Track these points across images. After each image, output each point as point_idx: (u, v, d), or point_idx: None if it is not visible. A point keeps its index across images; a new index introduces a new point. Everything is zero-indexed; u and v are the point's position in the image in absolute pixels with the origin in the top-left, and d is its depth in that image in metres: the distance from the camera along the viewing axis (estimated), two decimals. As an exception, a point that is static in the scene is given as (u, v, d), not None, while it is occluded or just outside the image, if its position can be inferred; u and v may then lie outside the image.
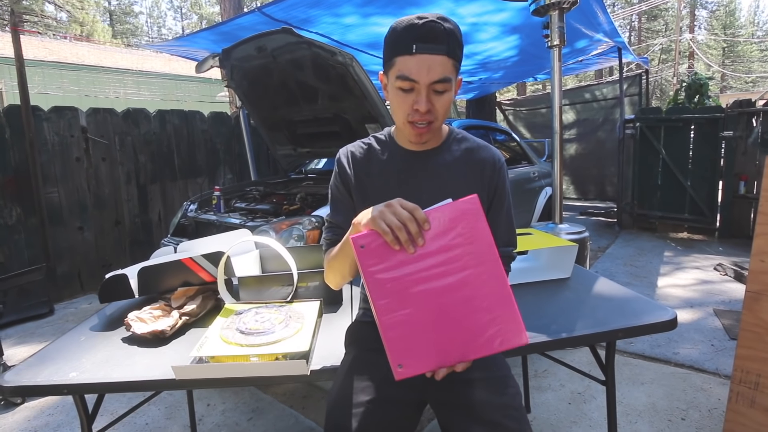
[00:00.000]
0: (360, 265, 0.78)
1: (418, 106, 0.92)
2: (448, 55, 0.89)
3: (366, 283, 0.78)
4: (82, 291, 3.83)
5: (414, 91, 0.92)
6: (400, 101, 0.95)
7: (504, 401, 0.92)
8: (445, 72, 0.90)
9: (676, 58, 22.48)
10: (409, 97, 0.93)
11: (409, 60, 0.89)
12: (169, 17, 41.89)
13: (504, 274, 0.79)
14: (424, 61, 0.88)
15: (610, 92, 6.86)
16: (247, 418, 1.97)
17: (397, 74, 0.91)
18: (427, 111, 0.93)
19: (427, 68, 0.89)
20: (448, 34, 0.89)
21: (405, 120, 0.96)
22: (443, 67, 0.90)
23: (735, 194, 4.67)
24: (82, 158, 3.80)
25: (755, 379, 1.47)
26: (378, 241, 0.78)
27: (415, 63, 0.89)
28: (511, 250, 1.13)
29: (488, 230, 0.79)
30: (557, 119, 2.64)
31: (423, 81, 0.90)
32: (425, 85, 0.90)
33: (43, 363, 1.07)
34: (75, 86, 12.86)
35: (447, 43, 0.89)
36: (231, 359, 1.00)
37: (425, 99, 0.91)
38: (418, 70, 0.89)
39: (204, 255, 1.36)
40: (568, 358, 2.31)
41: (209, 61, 3.22)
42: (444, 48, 0.89)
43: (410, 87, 0.91)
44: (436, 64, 0.89)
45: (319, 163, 4.14)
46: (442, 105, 0.94)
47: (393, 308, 0.77)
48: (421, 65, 0.89)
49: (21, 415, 2.07)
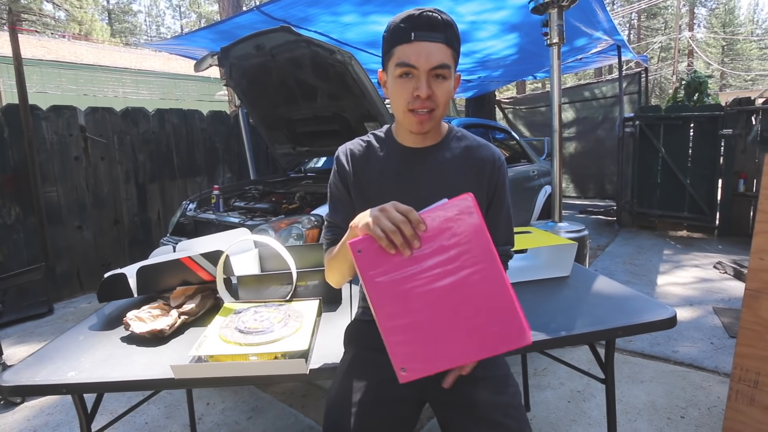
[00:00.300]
0: (358, 270, 0.77)
1: (419, 91, 0.91)
2: (446, 44, 0.91)
3: (365, 287, 0.77)
4: (81, 290, 3.82)
5: (414, 77, 0.92)
6: (400, 89, 0.94)
7: (504, 400, 0.92)
8: (445, 59, 0.91)
9: (675, 56, 22.48)
10: (410, 83, 0.92)
11: (407, 48, 0.90)
12: (168, 16, 41.81)
13: (503, 272, 0.79)
14: (423, 47, 0.89)
15: (609, 90, 6.86)
16: (246, 417, 1.97)
17: (397, 62, 0.92)
18: (428, 97, 0.92)
19: (426, 54, 0.90)
20: (445, 24, 0.91)
21: (405, 108, 0.95)
22: (442, 54, 0.91)
23: (734, 192, 4.67)
24: (80, 157, 3.79)
25: (754, 377, 1.47)
26: (374, 246, 0.77)
27: (414, 50, 0.90)
28: (509, 248, 1.13)
29: (484, 228, 0.79)
30: (556, 117, 2.64)
31: (423, 66, 0.90)
32: (425, 70, 0.90)
33: (41, 362, 1.07)
34: (73, 85, 12.84)
35: (445, 32, 0.90)
36: (230, 358, 1.00)
37: (425, 84, 0.91)
38: (417, 56, 0.90)
39: (203, 254, 1.35)
40: (568, 357, 2.31)
41: (208, 59, 3.22)
42: (442, 36, 0.90)
43: (410, 73, 0.92)
44: (435, 51, 0.90)
45: (319, 162, 4.14)
46: (442, 92, 0.93)
47: (394, 312, 0.76)
48: (420, 51, 0.90)
49: (21, 415, 2.07)
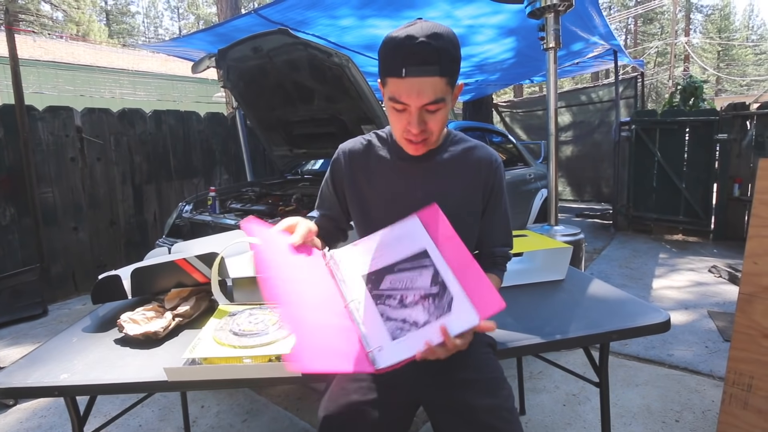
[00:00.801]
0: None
1: (410, 127, 0.92)
2: (440, 75, 0.87)
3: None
4: (76, 292, 3.81)
5: (407, 112, 0.92)
6: (394, 120, 0.96)
7: (496, 403, 0.92)
8: (437, 93, 0.89)
9: (671, 61, 22.61)
10: (403, 117, 0.93)
11: (399, 83, 0.88)
12: (166, 17, 41.74)
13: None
14: (414, 84, 0.87)
15: (606, 95, 6.89)
16: (241, 420, 1.97)
17: (389, 96, 0.91)
18: (421, 131, 0.93)
19: (417, 92, 0.88)
20: (439, 53, 0.86)
21: (401, 136, 0.97)
22: (434, 89, 0.88)
23: (729, 197, 4.70)
24: (77, 158, 3.78)
25: (748, 381, 1.48)
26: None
27: (405, 87, 0.88)
28: (507, 250, 1.13)
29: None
30: (552, 121, 2.65)
31: (414, 104, 0.89)
32: (417, 107, 0.90)
33: (34, 365, 1.06)
34: (70, 86, 12.79)
35: (438, 63, 0.86)
36: (224, 361, 1.00)
37: (417, 121, 0.91)
38: (408, 94, 0.88)
39: (198, 256, 1.35)
40: (563, 360, 2.31)
41: (205, 61, 3.21)
42: (435, 69, 0.86)
43: (402, 108, 0.91)
44: (426, 87, 0.87)
45: (316, 164, 4.13)
46: (436, 123, 0.94)
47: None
48: (411, 89, 0.87)
49: (13, 417, 2.06)
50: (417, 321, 0.83)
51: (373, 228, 0.98)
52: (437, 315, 0.82)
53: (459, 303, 0.81)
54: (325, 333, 0.82)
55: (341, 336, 0.83)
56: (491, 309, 0.80)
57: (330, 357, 0.79)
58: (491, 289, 0.82)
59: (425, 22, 0.88)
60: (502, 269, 1.13)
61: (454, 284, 0.84)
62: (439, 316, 0.82)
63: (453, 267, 0.86)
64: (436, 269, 0.87)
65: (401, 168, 1.05)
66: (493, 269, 1.10)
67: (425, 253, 0.89)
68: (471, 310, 0.80)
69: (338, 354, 0.80)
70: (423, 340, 0.79)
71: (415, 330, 0.82)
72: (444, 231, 0.90)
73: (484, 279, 0.83)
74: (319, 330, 0.81)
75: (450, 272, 0.85)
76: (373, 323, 0.85)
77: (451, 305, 0.82)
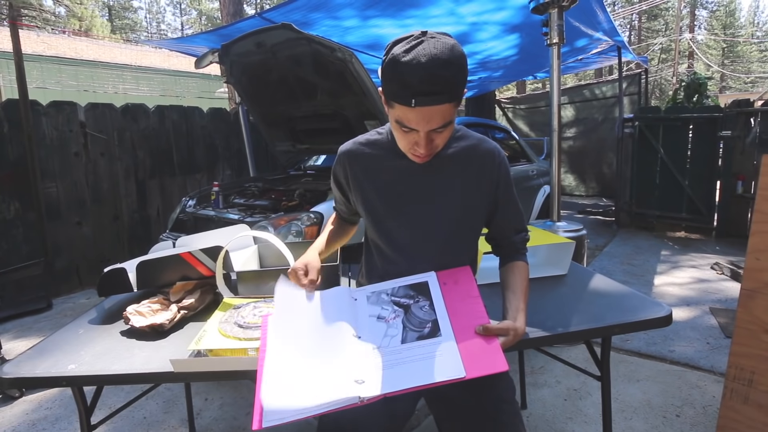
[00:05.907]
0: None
1: (418, 147, 0.93)
2: (449, 102, 0.86)
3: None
4: (80, 286, 3.83)
5: (414, 133, 0.91)
6: (400, 136, 0.95)
7: (497, 395, 0.93)
8: (446, 117, 0.88)
9: (675, 58, 22.49)
10: (410, 136, 0.92)
11: (408, 111, 0.86)
12: (169, 13, 41.73)
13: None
14: (424, 114, 0.86)
15: (609, 91, 6.88)
16: (245, 413, 1.98)
17: (396, 119, 0.90)
18: (428, 151, 0.94)
19: (426, 120, 0.87)
20: (449, 83, 0.84)
21: (407, 151, 0.98)
22: (444, 115, 0.87)
23: (732, 194, 4.69)
24: (80, 153, 3.79)
25: (749, 376, 1.48)
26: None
27: (414, 115, 0.87)
28: (525, 234, 1.17)
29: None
30: (555, 117, 2.65)
31: (423, 129, 0.89)
32: (425, 131, 0.89)
33: (41, 355, 1.07)
34: (74, 81, 12.82)
35: (449, 92, 0.85)
36: (229, 353, 1.01)
37: (425, 142, 0.91)
38: (417, 121, 0.88)
39: (202, 249, 1.36)
40: (565, 355, 2.31)
41: (208, 56, 3.22)
42: (445, 98, 0.85)
43: (410, 131, 0.91)
44: (436, 115, 0.87)
45: (318, 160, 4.14)
46: (443, 139, 0.95)
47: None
48: (420, 118, 0.87)
49: (19, 408, 2.08)
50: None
51: (381, 225, 1.08)
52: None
53: (447, 351, 0.84)
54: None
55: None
56: (487, 369, 0.80)
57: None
58: (497, 352, 0.83)
59: (431, 40, 0.84)
60: (524, 252, 1.15)
61: (449, 335, 0.87)
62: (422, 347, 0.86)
63: (456, 322, 0.89)
64: (437, 318, 0.92)
65: (403, 165, 1.05)
66: (516, 256, 1.13)
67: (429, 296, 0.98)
68: (458, 364, 0.81)
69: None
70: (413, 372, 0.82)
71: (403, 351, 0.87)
72: (468, 289, 0.98)
73: (491, 341, 0.85)
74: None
75: (449, 325, 0.89)
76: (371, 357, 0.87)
77: (438, 348, 0.85)
